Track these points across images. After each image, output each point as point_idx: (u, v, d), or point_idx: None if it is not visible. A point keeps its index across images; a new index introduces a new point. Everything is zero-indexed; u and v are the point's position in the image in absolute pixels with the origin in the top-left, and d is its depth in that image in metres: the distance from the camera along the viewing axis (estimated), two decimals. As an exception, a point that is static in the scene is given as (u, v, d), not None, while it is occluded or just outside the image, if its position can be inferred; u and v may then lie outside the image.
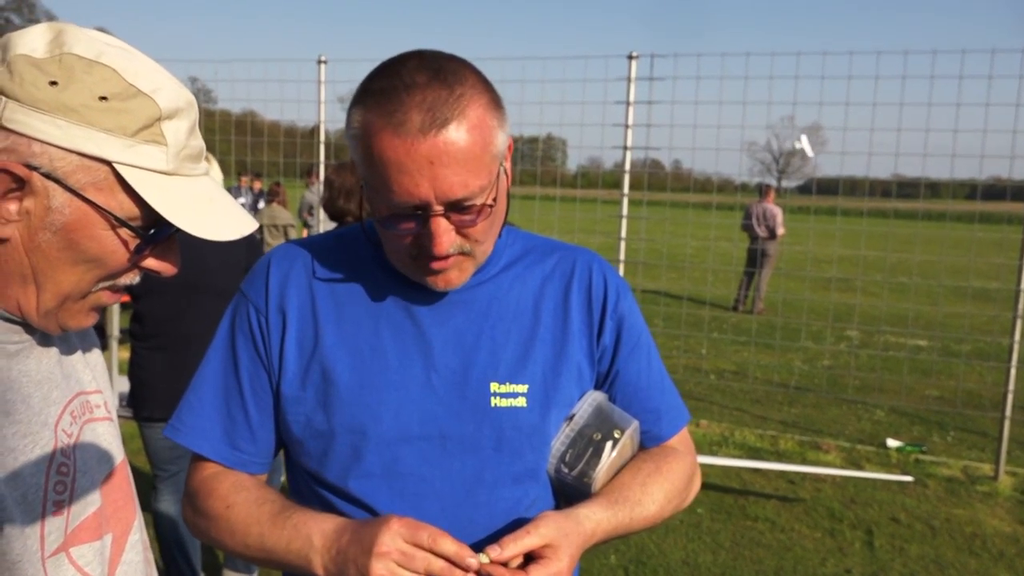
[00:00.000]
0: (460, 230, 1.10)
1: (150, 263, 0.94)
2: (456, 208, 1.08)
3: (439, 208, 1.06)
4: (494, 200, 1.11)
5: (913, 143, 6.05)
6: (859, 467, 5.62)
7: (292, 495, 1.26)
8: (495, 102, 1.11)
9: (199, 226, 0.89)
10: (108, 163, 0.84)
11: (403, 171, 1.04)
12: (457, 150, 1.04)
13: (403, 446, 1.16)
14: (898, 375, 7.75)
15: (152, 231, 0.90)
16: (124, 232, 0.88)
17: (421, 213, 1.07)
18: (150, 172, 0.86)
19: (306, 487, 1.23)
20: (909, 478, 5.31)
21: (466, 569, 1.01)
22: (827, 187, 9.89)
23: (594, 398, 1.25)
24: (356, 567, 1.02)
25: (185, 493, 1.27)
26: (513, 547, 1.04)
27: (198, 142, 0.92)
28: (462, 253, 1.13)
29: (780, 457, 5.78)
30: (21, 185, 0.82)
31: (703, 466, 5.32)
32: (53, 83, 0.81)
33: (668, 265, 9.16)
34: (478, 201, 1.08)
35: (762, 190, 12.34)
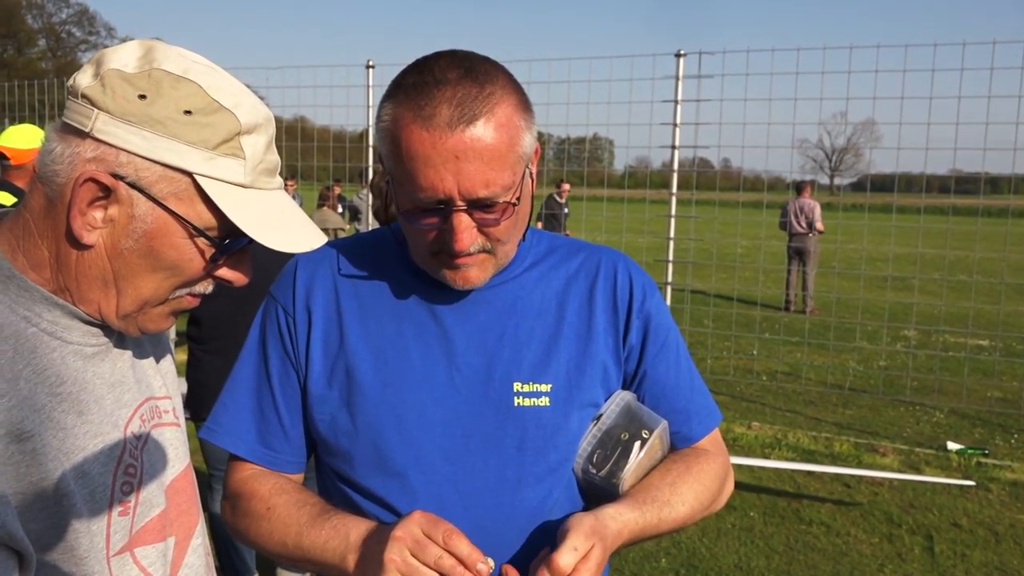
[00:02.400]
0: (482, 228, 1.11)
1: (224, 272, 0.97)
2: (479, 205, 1.08)
3: (462, 204, 1.07)
4: (518, 199, 1.11)
5: (972, 137, 5.88)
6: (918, 471, 5.48)
7: (320, 494, 1.28)
8: (524, 104, 1.11)
9: (272, 238, 0.91)
10: (189, 174, 0.87)
11: (429, 164, 1.05)
12: (483, 146, 1.04)
13: (427, 446, 1.17)
14: (958, 376, 7.52)
15: (227, 241, 0.93)
16: (201, 241, 0.91)
17: (444, 208, 1.08)
18: (228, 184, 0.89)
19: (333, 486, 1.25)
20: (971, 482, 5.16)
21: (476, 573, 1.00)
22: (882, 184, 9.65)
23: (622, 398, 1.24)
24: (374, 553, 1.04)
25: (224, 495, 1.29)
26: (565, 563, 1.02)
27: (274, 157, 0.95)
28: (484, 251, 1.13)
29: (835, 460, 5.66)
30: (107, 193, 0.86)
31: (756, 469, 5.27)
32: (142, 96, 0.85)
33: (718, 265, 9.03)
34: (501, 199, 1.08)
35: (799, 187, 12.19)
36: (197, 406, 3.19)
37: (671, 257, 6.46)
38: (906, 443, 6.04)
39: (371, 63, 6.77)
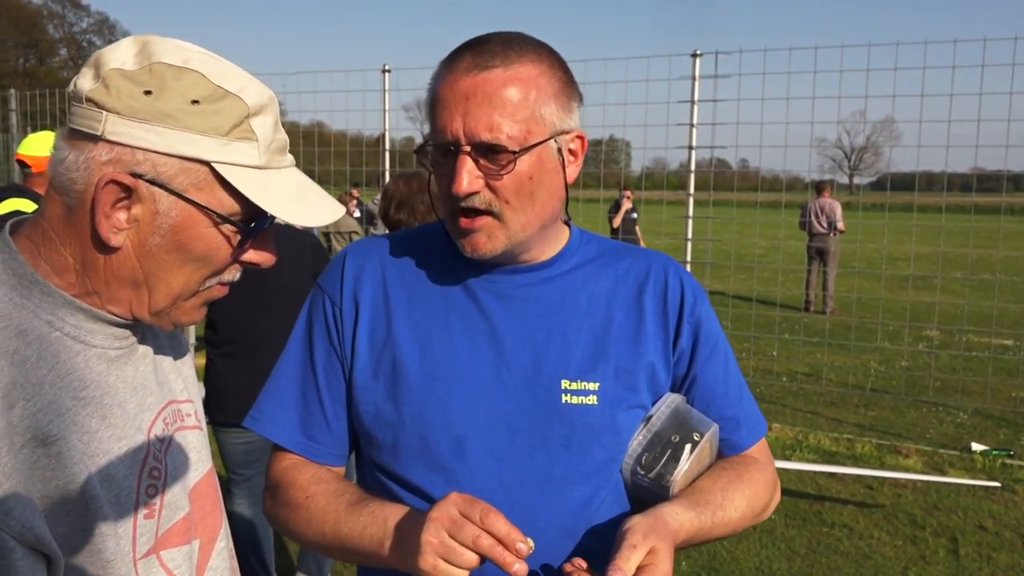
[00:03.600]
0: (488, 181, 1.12)
1: (250, 256, 0.97)
2: (483, 150, 1.10)
3: (467, 147, 1.10)
4: (520, 150, 1.11)
5: (994, 134, 5.81)
6: (942, 472, 5.41)
7: (361, 487, 1.27)
8: (558, 77, 1.15)
9: (296, 214, 0.92)
10: (206, 163, 0.88)
11: (444, 106, 1.11)
12: (493, 89, 1.09)
13: (471, 440, 1.16)
14: (982, 376, 7.42)
15: (253, 224, 0.93)
16: (227, 228, 0.91)
17: (453, 151, 1.11)
18: (245, 168, 0.90)
19: (374, 479, 1.25)
20: (996, 483, 5.08)
21: (516, 552, 0.98)
22: (902, 182, 9.56)
23: (672, 400, 1.23)
24: (411, 536, 1.03)
25: (266, 485, 1.30)
26: (629, 567, 1.01)
27: (283, 135, 0.96)
28: (490, 213, 1.13)
29: (857, 461, 5.60)
30: (129, 194, 0.86)
31: (776, 471, 5.21)
32: (147, 92, 0.85)
33: (736, 266, 8.97)
34: (505, 147, 1.10)
35: (818, 187, 12.11)
36: (214, 410, 3.20)
37: (689, 258, 6.43)
38: (929, 444, 5.97)
39: (387, 67, 6.78)
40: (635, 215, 13.55)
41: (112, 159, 0.85)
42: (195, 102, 0.86)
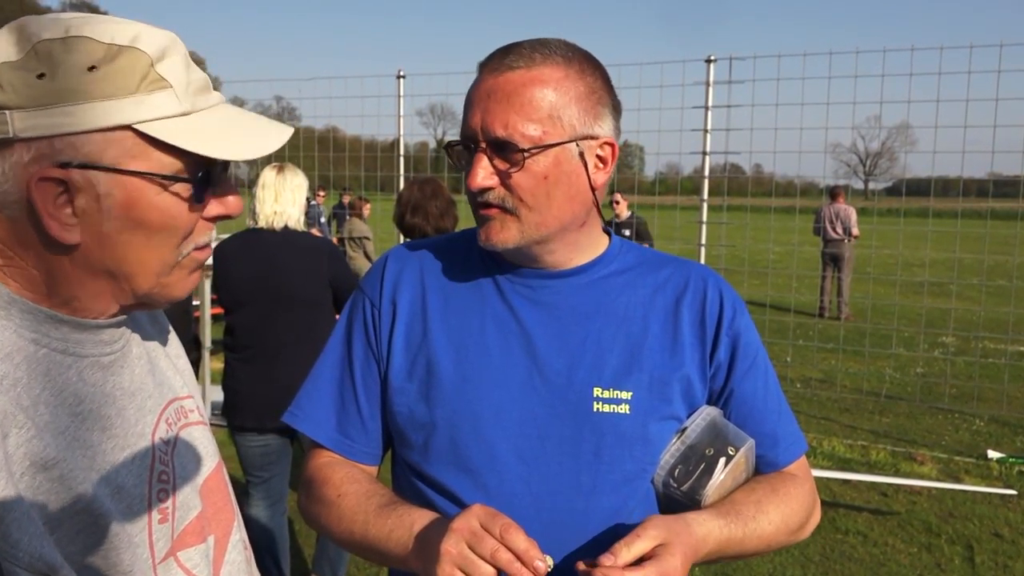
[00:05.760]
0: (503, 180, 1.14)
1: (215, 208, 0.91)
2: (498, 148, 1.12)
3: (483, 144, 1.13)
4: (530, 150, 1.11)
5: (1010, 139, 5.77)
6: (957, 479, 5.37)
7: (394, 488, 1.29)
8: (585, 81, 1.15)
9: (240, 151, 0.86)
10: (128, 127, 0.81)
11: (469, 104, 1.15)
12: (512, 88, 1.11)
13: (501, 444, 1.17)
14: (998, 383, 7.37)
15: (201, 175, 0.87)
16: (176, 188, 0.85)
17: (473, 147, 1.14)
18: (170, 119, 0.83)
19: (406, 480, 1.26)
20: (1012, 491, 5.05)
21: (533, 570, 0.99)
22: (918, 188, 9.52)
23: (708, 413, 1.22)
24: (432, 544, 1.04)
25: (301, 481, 1.32)
26: (627, 553, 1.01)
27: (199, 74, 0.88)
28: (503, 209, 1.15)
29: (871, 468, 5.57)
30: (65, 186, 0.81)
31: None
32: (41, 76, 0.79)
33: (750, 271, 8.94)
34: (519, 145, 1.11)
35: (833, 192, 12.04)
36: (231, 413, 3.23)
37: (703, 264, 6.42)
38: (945, 451, 5.93)
39: (402, 73, 6.82)
40: (628, 231, 9.12)
41: (34, 157, 0.79)
42: (92, 68, 0.79)
